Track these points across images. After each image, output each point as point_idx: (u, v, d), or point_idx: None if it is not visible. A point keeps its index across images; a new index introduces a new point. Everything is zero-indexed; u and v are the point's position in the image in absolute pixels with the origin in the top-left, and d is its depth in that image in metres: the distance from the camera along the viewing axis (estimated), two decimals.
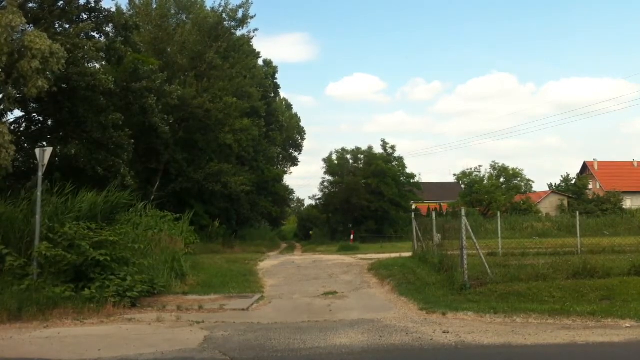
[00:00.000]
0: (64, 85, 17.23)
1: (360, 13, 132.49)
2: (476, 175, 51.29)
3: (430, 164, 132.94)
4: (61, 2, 18.16)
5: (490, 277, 11.39)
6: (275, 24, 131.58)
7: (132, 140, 19.69)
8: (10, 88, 14.37)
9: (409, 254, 18.94)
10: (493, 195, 46.97)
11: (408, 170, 45.42)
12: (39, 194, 10.97)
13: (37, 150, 11.45)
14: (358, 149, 44.83)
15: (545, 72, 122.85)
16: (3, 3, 14.75)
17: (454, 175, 54.70)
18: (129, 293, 10.31)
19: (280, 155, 58.29)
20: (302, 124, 64.15)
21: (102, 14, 19.30)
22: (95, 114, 18.45)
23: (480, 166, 55.31)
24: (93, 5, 19.04)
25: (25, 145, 18.31)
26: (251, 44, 35.85)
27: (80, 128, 18.53)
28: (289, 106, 63.68)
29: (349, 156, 45.12)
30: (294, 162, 64.32)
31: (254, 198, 40.05)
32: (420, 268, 14.38)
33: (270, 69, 49.58)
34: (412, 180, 45.13)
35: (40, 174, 11.16)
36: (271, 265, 20.19)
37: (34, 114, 19.36)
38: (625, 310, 9.08)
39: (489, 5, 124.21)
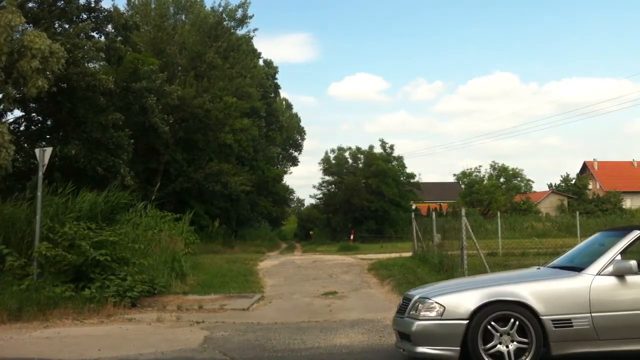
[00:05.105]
0: (63, 85, 17.24)
1: (362, 13, 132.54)
2: (476, 175, 51.39)
3: (432, 164, 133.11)
4: (61, 2, 18.16)
5: None
6: (278, 25, 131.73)
7: (132, 140, 19.69)
8: (9, 88, 14.37)
9: (409, 254, 18.93)
10: (493, 195, 47.00)
11: (408, 170, 45.55)
12: (39, 194, 10.97)
13: (37, 150, 11.44)
14: (358, 148, 44.89)
15: (547, 72, 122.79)
16: (2, 3, 14.74)
17: (454, 175, 54.88)
18: (129, 293, 10.30)
19: (280, 155, 58.38)
20: (303, 124, 64.46)
21: (101, 13, 19.34)
22: (95, 114, 18.46)
23: (480, 166, 55.49)
24: (93, 5, 19.07)
25: (25, 145, 18.32)
26: (251, 43, 35.88)
27: (80, 128, 18.53)
28: (289, 106, 63.85)
29: (346, 154, 45.14)
30: (294, 162, 64.48)
31: (254, 198, 40.10)
32: (421, 268, 14.37)
33: (270, 69, 49.64)
34: (412, 180, 45.16)
35: (40, 174, 11.15)
36: (271, 265, 20.18)
37: (34, 114, 19.38)
38: None
39: (491, 5, 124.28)
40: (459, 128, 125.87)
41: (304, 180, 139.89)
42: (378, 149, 44.24)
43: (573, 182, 59.84)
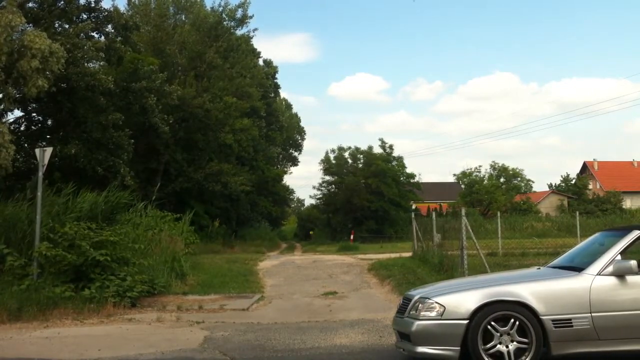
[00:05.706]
0: (63, 85, 17.25)
1: (362, 13, 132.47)
2: (476, 175, 51.41)
3: (432, 163, 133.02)
4: (61, 2, 18.18)
5: None
6: (278, 25, 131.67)
7: (132, 140, 19.69)
8: (10, 88, 14.38)
9: (409, 254, 18.93)
10: (493, 195, 47.00)
11: (409, 170, 45.58)
12: (39, 194, 10.98)
13: (37, 150, 11.44)
14: (357, 148, 44.90)
15: (547, 72, 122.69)
16: (2, 3, 14.74)
17: (454, 175, 54.90)
18: (129, 293, 10.30)
19: (280, 155, 58.44)
20: (303, 124, 64.64)
21: (102, 13, 19.35)
22: (95, 113, 18.46)
23: (480, 166, 55.49)
24: (93, 5, 19.07)
25: (25, 145, 18.32)
26: (251, 43, 35.92)
27: (80, 128, 18.53)
28: (289, 106, 63.96)
29: (346, 154, 45.15)
30: (294, 162, 64.60)
31: (254, 198, 40.10)
32: (420, 268, 14.37)
33: (270, 69, 49.67)
34: (412, 180, 45.18)
35: (40, 174, 11.15)
36: (271, 265, 20.19)
37: (34, 114, 19.38)
38: None
39: (491, 5, 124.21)
40: (459, 128, 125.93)
41: (304, 180, 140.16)
42: (378, 149, 44.33)
43: (573, 182, 59.85)
